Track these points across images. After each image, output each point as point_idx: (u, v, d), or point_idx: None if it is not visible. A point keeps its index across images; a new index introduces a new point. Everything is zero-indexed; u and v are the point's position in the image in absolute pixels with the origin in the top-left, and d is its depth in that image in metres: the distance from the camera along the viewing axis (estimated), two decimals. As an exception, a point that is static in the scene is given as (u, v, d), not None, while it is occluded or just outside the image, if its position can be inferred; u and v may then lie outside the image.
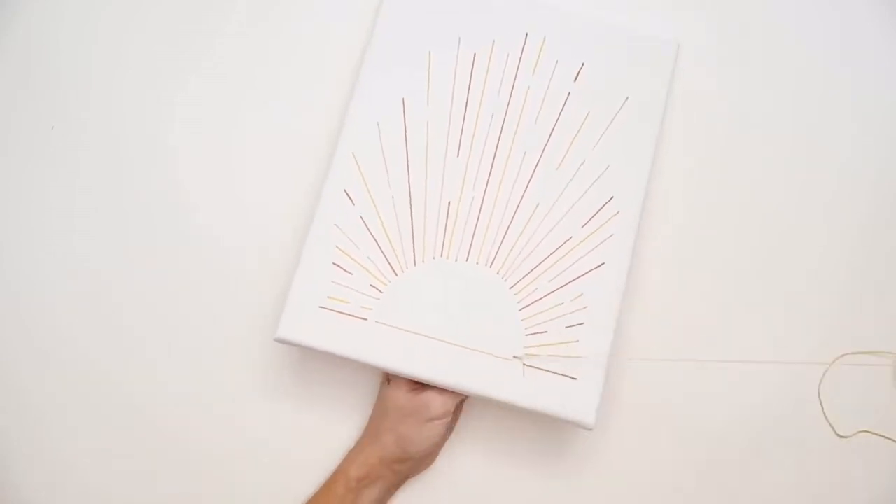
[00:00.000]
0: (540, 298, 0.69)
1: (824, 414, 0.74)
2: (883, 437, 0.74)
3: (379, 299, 0.68)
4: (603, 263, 0.70)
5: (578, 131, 0.73)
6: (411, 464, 0.69)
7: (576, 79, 0.74)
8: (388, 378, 0.70)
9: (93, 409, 0.73)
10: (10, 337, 0.75)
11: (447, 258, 0.70)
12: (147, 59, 0.79)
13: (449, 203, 0.71)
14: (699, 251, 0.76)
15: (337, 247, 0.69)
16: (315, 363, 0.73)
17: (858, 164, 0.78)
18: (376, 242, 0.69)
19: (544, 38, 0.75)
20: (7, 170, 0.77)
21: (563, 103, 0.74)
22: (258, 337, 0.74)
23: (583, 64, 0.75)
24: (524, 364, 0.68)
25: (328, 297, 0.68)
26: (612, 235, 0.71)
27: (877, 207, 0.77)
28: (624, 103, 0.74)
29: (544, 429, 0.73)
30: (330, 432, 0.72)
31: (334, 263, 0.69)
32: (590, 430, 0.67)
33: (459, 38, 0.74)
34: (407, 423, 0.67)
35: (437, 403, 0.67)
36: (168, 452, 0.73)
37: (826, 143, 0.78)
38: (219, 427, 0.73)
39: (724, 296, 0.76)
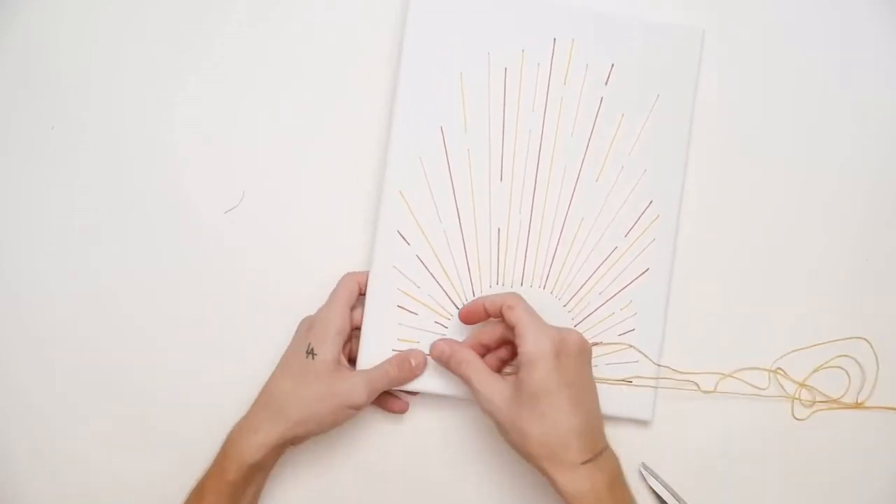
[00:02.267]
0: (592, 312, 0.74)
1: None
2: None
3: (445, 335, 0.72)
4: (648, 269, 0.74)
5: (614, 137, 0.74)
6: (301, 439, 0.70)
7: (606, 82, 0.74)
8: (311, 350, 0.69)
9: (93, 409, 0.75)
10: (10, 337, 0.76)
11: (502, 285, 0.73)
12: (147, 59, 0.78)
13: (499, 230, 0.73)
14: (704, 254, 0.78)
15: (399, 289, 0.72)
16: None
17: (859, 165, 0.79)
18: (435, 280, 0.72)
19: (572, 40, 0.74)
20: (7, 170, 0.77)
21: (596, 110, 0.74)
22: (259, 335, 0.75)
23: (612, 65, 0.74)
24: None
25: (398, 339, 0.71)
26: (654, 240, 0.74)
27: (876, 208, 0.79)
28: (656, 100, 0.75)
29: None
30: (339, 433, 0.74)
31: (399, 306, 0.72)
32: (648, 423, 0.74)
33: (489, 54, 0.73)
34: (325, 404, 0.68)
35: (361, 392, 0.68)
36: (171, 452, 0.75)
37: (826, 144, 0.79)
38: (223, 426, 0.73)
39: (728, 297, 0.78)
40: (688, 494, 0.77)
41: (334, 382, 0.68)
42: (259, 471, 0.69)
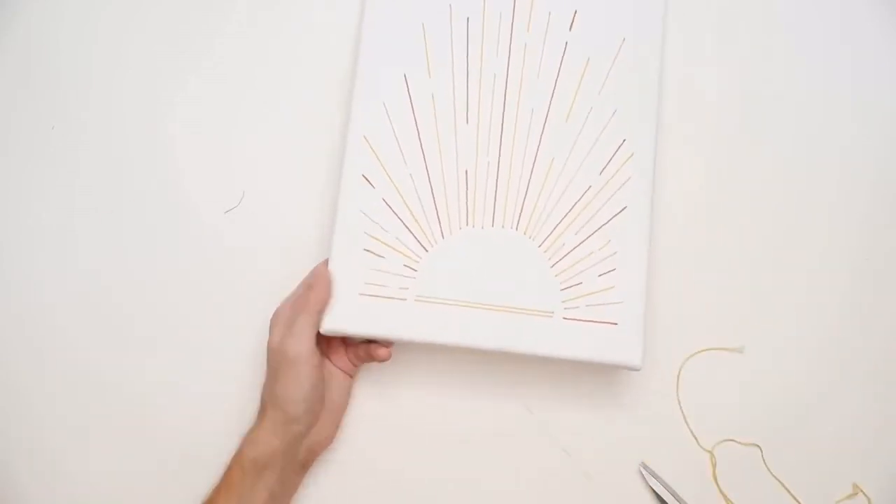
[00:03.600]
0: (569, 252, 0.70)
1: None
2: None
3: (414, 278, 0.69)
4: (626, 207, 0.71)
5: (581, 79, 0.73)
6: (299, 430, 0.66)
7: (571, 27, 0.74)
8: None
9: (93, 410, 0.73)
10: (8, 337, 0.75)
11: (473, 226, 0.70)
12: (147, 59, 0.79)
13: (466, 171, 0.71)
14: (707, 258, 0.77)
15: (365, 233, 0.69)
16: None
17: (859, 165, 0.78)
18: (402, 222, 0.70)
19: (533, -10, 0.74)
20: (7, 170, 0.77)
21: (561, 54, 0.73)
22: (259, 335, 0.73)
23: (575, 11, 0.74)
24: (563, 318, 0.69)
25: (365, 283, 0.69)
26: (629, 178, 0.71)
27: (876, 208, 0.78)
28: (622, 44, 0.74)
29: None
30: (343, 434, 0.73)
31: (366, 250, 0.69)
32: (637, 370, 0.69)
33: (450, 6, 0.74)
34: (278, 375, 0.66)
35: (297, 337, 0.66)
36: (171, 453, 0.73)
37: (826, 144, 0.79)
38: (223, 427, 0.73)
39: (733, 303, 0.77)
40: (688, 494, 0.73)
41: (283, 350, 0.66)
42: (265, 469, 0.65)
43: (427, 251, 0.70)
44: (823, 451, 0.74)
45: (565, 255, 0.70)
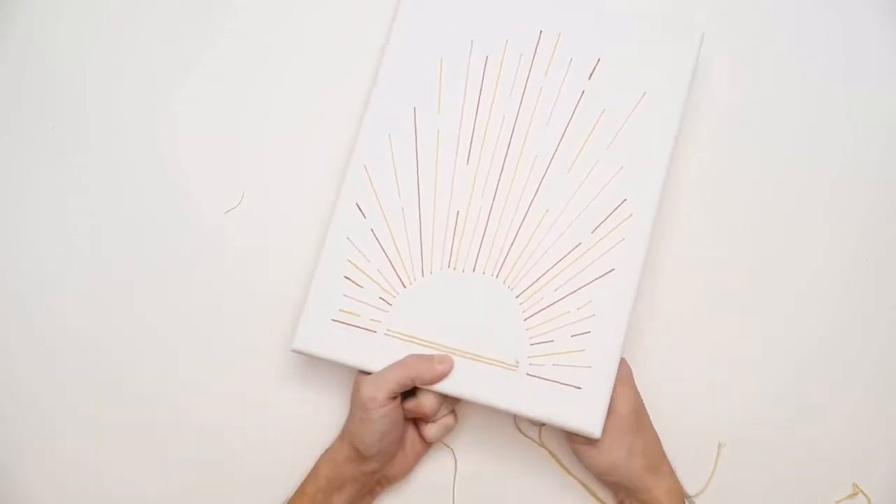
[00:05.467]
0: (546, 307, 0.69)
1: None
2: None
3: (388, 312, 0.70)
4: (613, 269, 0.69)
5: (592, 131, 0.71)
6: (373, 466, 0.68)
7: (591, 76, 0.71)
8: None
9: (94, 410, 0.74)
10: (9, 337, 0.75)
11: (454, 269, 0.70)
12: (147, 59, 0.79)
13: (458, 213, 0.71)
14: (708, 258, 0.76)
15: (348, 260, 0.71)
16: (326, 365, 0.74)
17: (861, 167, 0.76)
18: (386, 255, 0.71)
19: (559, 34, 0.72)
20: (6, 170, 0.77)
21: (576, 103, 0.71)
22: (259, 335, 0.75)
23: (598, 59, 0.72)
24: (527, 374, 0.68)
25: (340, 311, 0.70)
26: (623, 240, 0.69)
27: (876, 208, 0.76)
28: (641, 98, 0.71)
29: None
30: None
31: (346, 277, 0.70)
32: (596, 438, 0.67)
33: (472, 42, 0.73)
34: (354, 413, 0.68)
35: (364, 388, 0.66)
36: (171, 453, 0.74)
37: (831, 147, 0.76)
38: (224, 426, 0.74)
39: (735, 303, 0.75)
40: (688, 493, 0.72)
41: (358, 389, 0.67)
42: (338, 489, 0.69)
43: (405, 287, 0.70)
44: (823, 451, 0.73)
45: (541, 310, 0.69)
